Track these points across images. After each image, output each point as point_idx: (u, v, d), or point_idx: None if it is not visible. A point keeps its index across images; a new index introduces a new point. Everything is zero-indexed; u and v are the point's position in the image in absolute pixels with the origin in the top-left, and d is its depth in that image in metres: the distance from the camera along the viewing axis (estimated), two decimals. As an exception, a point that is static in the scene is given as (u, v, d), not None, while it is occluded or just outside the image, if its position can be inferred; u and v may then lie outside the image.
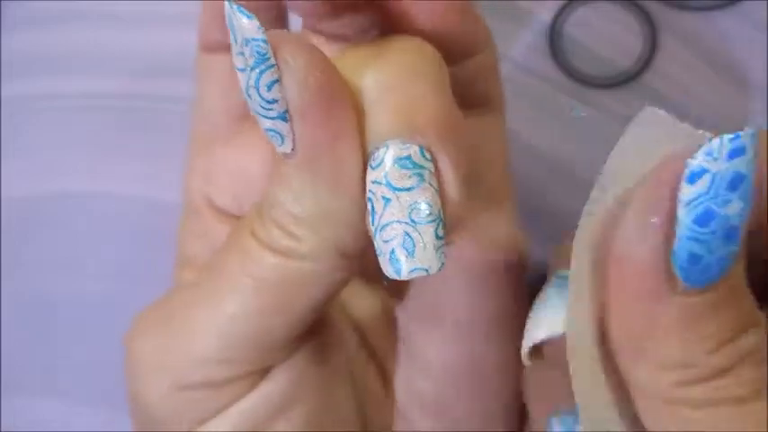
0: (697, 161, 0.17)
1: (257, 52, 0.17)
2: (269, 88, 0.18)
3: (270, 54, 0.18)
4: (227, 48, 0.25)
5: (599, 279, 0.19)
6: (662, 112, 0.18)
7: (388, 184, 0.18)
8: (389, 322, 0.26)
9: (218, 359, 0.20)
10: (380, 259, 0.18)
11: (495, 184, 0.25)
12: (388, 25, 0.21)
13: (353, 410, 0.24)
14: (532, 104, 0.35)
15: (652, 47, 0.35)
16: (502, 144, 0.26)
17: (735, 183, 0.17)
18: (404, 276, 0.18)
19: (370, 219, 0.18)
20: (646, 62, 0.35)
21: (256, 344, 0.20)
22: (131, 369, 0.22)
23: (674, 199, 0.17)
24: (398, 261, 0.18)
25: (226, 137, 0.25)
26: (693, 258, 0.17)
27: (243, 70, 0.18)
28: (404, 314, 0.26)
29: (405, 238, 0.18)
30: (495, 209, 0.25)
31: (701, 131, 0.18)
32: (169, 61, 0.35)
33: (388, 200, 0.18)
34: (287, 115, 0.18)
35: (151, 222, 0.34)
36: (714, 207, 0.17)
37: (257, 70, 0.18)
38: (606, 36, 0.36)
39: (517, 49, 0.36)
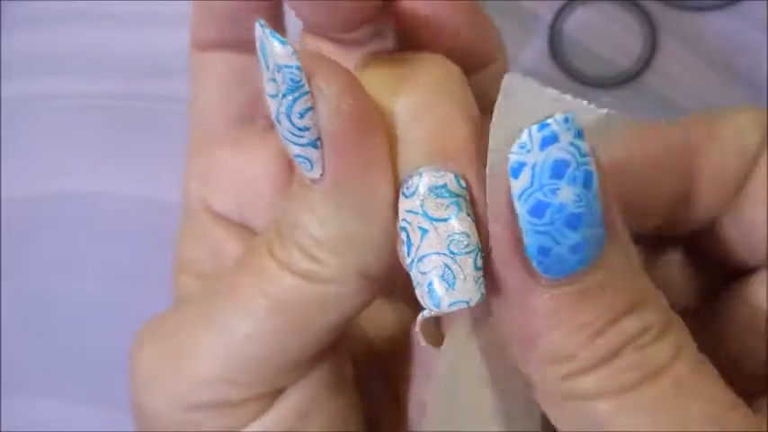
0: (514, 156, 0.16)
1: (291, 80, 0.17)
2: (301, 116, 0.17)
3: (304, 81, 0.17)
4: (220, 45, 0.24)
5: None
6: (524, 78, 0.18)
7: (425, 215, 0.18)
8: (407, 341, 0.25)
9: (229, 380, 0.20)
10: (417, 291, 0.18)
11: None
12: (404, 35, 0.21)
13: (361, 428, 0.23)
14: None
15: (652, 47, 0.35)
16: None
17: (557, 170, 0.16)
18: (443, 310, 0.17)
19: (406, 249, 0.18)
20: (646, 62, 0.35)
21: (270, 365, 0.20)
22: (136, 381, 0.21)
23: (509, 195, 0.17)
24: (438, 294, 0.17)
25: (224, 139, 0.25)
26: (543, 250, 0.17)
27: (274, 96, 0.17)
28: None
29: (444, 270, 0.17)
30: None
31: (567, 96, 0.17)
32: (169, 61, 0.35)
33: (425, 230, 0.18)
34: (318, 142, 0.18)
35: (151, 222, 0.34)
36: (542, 197, 0.16)
37: (290, 98, 0.17)
38: (606, 36, 0.36)
39: (517, 50, 0.36)
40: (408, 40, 0.21)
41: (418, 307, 0.18)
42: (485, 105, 0.23)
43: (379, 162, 0.18)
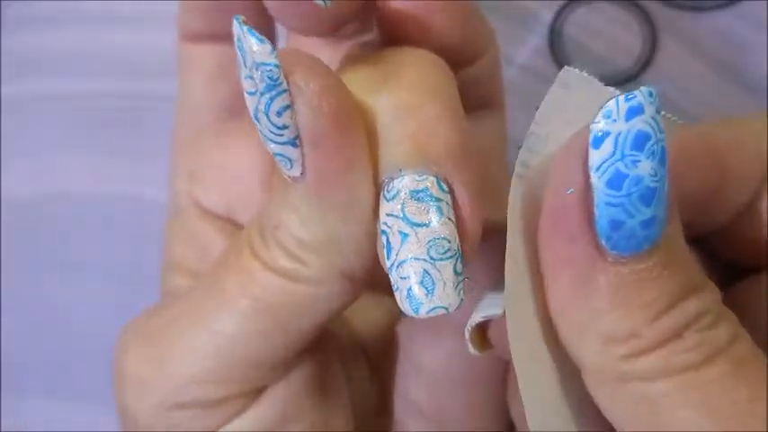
0: (598, 125, 0.16)
1: (268, 77, 0.17)
2: (279, 114, 0.17)
3: (282, 79, 0.17)
4: (208, 37, 0.24)
5: (532, 253, 0.18)
6: (582, 74, 0.18)
7: (406, 219, 0.18)
8: (392, 337, 0.25)
9: (211, 379, 0.20)
10: (397, 295, 0.18)
11: (498, 186, 0.25)
12: (389, 30, 0.21)
13: (349, 427, 0.23)
14: (532, 105, 0.35)
15: (652, 47, 0.35)
16: (503, 145, 0.25)
17: (639, 142, 0.16)
18: (422, 315, 0.17)
19: (386, 253, 0.18)
20: (646, 62, 0.35)
21: (253, 364, 0.20)
22: (119, 382, 0.21)
23: (586, 168, 0.16)
24: (417, 300, 0.17)
25: (211, 135, 0.24)
26: (615, 224, 0.16)
27: (252, 94, 0.17)
28: (403, 323, 0.25)
29: (423, 276, 0.17)
30: (497, 210, 0.25)
31: (616, 91, 0.17)
32: (170, 61, 0.35)
33: (405, 235, 0.17)
34: (297, 141, 0.17)
35: (151, 222, 0.34)
36: (623, 168, 0.16)
37: (268, 95, 0.17)
38: (606, 36, 0.36)
39: (517, 50, 0.36)
40: (394, 38, 0.21)
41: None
42: (473, 98, 0.22)
43: (359, 163, 0.18)
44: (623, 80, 0.35)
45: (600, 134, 0.16)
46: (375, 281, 0.22)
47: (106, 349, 0.30)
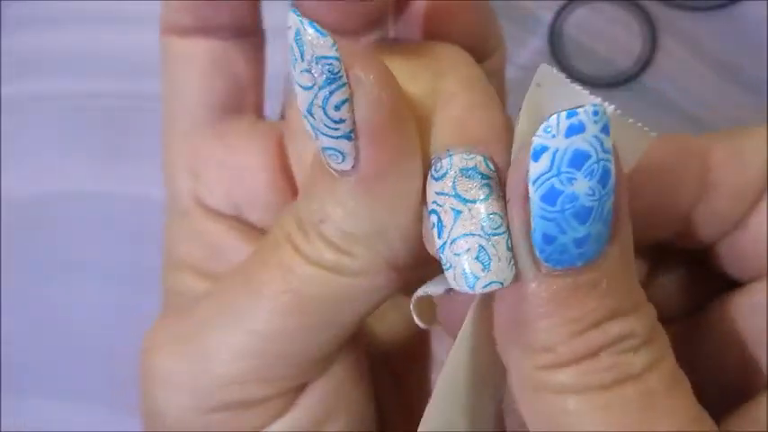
0: (538, 139, 0.16)
1: (329, 71, 0.17)
2: (338, 108, 0.17)
3: (342, 72, 0.17)
4: (198, 31, 0.23)
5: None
6: (556, 72, 0.18)
7: (457, 196, 0.17)
8: (411, 338, 0.25)
9: (253, 378, 0.20)
10: (449, 273, 0.17)
11: None
12: (417, 26, 0.21)
13: (373, 427, 0.23)
14: (532, 104, 0.35)
15: (652, 47, 0.35)
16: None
17: (577, 160, 0.16)
18: (478, 290, 0.17)
19: (437, 232, 0.18)
20: (646, 62, 0.35)
21: (296, 361, 0.20)
22: (148, 384, 0.21)
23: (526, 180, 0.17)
24: (473, 275, 0.17)
25: (211, 134, 0.24)
26: (547, 238, 0.17)
27: (308, 88, 0.17)
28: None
29: (479, 251, 0.17)
30: None
31: (590, 95, 0.17)
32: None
33: (458, 212, 0.17)
34: (352, 134, 0.17)
35: (151, 222, 0.34)
36: (557, 185, 0.16)
37: (327, 89, 0.17)
38: (606, 36, 0.36)
39: (518, 50, 0.36)
40: (419, 34, 0.21)
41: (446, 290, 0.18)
42: None
43: (413, 152, 0.18)
44: (623, 80, 0.35)
45: (539, 148, 0.16)
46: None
47: (106, 349, 0.30)
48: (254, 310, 0.19)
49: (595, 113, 0.16)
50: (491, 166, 0.18)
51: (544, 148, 0.16)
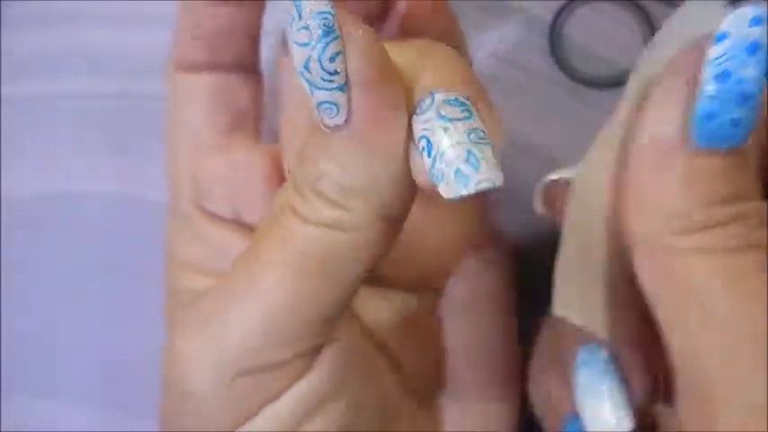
0: (724, 25, 0.19)
1: (325, 24, 0.18)
2: (332, 59, 0.18)
3: (336, 26, 0.18)
4: (204, 67, 0.26)
5: (626, 143, 0.21)
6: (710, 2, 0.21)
7: (443, 117, 0.19)
8: (408, 328, 0.26)
9: (271, 343, 0.21)
10: (442, 185, 0.19)
11: None
12: (399, 25, 0.23)
13: (378, 417, 0.24)
14: (532, 104, 0.35)
15: (652, 47, 0.35)
16: None
17: (752, 49, 0.19)
18: (471, 190, 0.18)
19: (426, 152, 0.19)
20: (646, 62, 0.35)
21: (306, 322, 0.21)
22: (178, 371, 0.22)
23: (699, 64, 0.19)
24: (465, 176, 0.19)
25: (213, 149, 0.26)
26: (708, 116, 0.19)
27: (305, 45, 0.18)
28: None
29: (468, 155, 0.19)
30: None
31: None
32: (169, 61, 0.35)
33: (446, 129, 0.19)
34: (345, 86, 0.19)
35: (152, 222, 0.34)
36: (731, 67, 0.19)
37: (323, 41, 0.18)
38: (606, 36, 0.36)
39: (517, 50, 0.36)
40: (402, 34, 0.23)
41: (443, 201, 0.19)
42: None
43: (400, 102, 0.19)
44: (623, 80, 0.35)
45: (722, 33, 0.19)
46: (379, 276, 0.23)
47: (107, 349, 0.30)
48: (260, 279, 0.21)
49: None
50: (470, 104, 0.19)
51: (725, 35, 0.19)
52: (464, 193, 0.18)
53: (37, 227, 0.34)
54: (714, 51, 0.19)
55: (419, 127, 0.19)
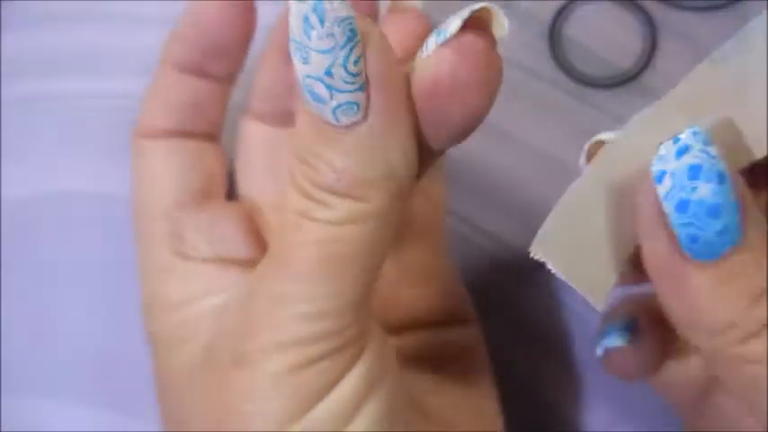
0: (656, 166, 0.20)
1: (350, 30, 0.19)
2: (356, 62, 0.19)
3: (358, 30, 0.19)
4: (173, 135, 0.28)
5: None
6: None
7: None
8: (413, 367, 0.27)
9: (319, 337, 0.22)
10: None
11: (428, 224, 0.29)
12: None
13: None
14: (532, 104, 0.35)
15: (652, 47, 0.35)
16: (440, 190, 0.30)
17: (693, 172, 0.20)
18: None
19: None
20: (646, 62, 0.35)
21: (348, 306, 0.22)
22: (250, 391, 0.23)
23: (657, 203, 0.20)
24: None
25: (191, 206, 0.27)
26: (691, 238, 0.20)
27: (329, 51, 0.19)
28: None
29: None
30: (428, 245, 0.29)
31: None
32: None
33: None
34: (365, 85, 0.20)
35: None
36: (684, 196, 0.20)
37: (348, 46, 0.19)
38: (606, 36, 0.36)
39: (517, 50, 0.36)
40: None
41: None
42: None
43: (407, 93, 0.20)
44: (623, 80, 0.35)
45: (659, 173, 0.20)
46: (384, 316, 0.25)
47: (106, 349, 0.30)
48: (299, 285, 0.22)
49: (695, 133, 0.20)
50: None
51: (663, 172, 0.20)
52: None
53: (37, 227, 0.34)
54: (662, 189, 0.20)
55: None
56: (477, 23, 0.20)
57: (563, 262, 0.22)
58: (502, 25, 0.20)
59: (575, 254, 0.22)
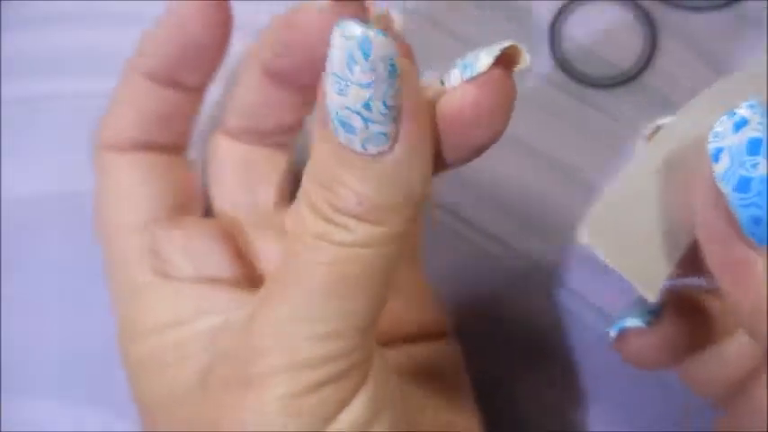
0: (712, 144, 0.19)
1: (391, 65, 0.19)
2: (395, 96, 0.20)
3: (398, 66, 0.20)
4: (137, 146, 0.28)
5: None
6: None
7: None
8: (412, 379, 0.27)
9: (332, 358, 0.22)
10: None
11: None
12: None
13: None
14: (532, 105, 0.35)
15: (652, 47, 0.35)
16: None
17: (753, 147, 0.18)
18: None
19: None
20: (646, 62, 0.35)
21: (359, 331, 0.22)
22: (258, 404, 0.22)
23: (714, 188, 0.19)
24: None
25: (166, 222, 0.27)
26: (754, 220, 0.19)
27: (368, 86, 0.19)
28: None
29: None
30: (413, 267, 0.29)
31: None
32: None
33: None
34: (396, 117, 0.20)
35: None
36: (744, 173, 0.18)
37: (390, 81, 0.19)
38: (606, 36, 0.36)
39: (517, 49, 0.36)
40: None
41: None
42: None
43: (430, 123, 0.21)
44: (623, 80, 0.35)
45: (715, 151, 0.19)
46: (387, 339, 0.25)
47: (106, 350, 0.30)
48: (314, 305, 0.22)
49: (751, 106, 0.19)
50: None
51: (720, 150, 0.19)
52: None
53: (37, 227, 0.34)
54: (719, 168, 0.19)
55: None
56: (503, 59, 0.21)
57: (614, 250, 0.21)
58: (525, 60, 0.21)
59: (626, 242, 0.21)
